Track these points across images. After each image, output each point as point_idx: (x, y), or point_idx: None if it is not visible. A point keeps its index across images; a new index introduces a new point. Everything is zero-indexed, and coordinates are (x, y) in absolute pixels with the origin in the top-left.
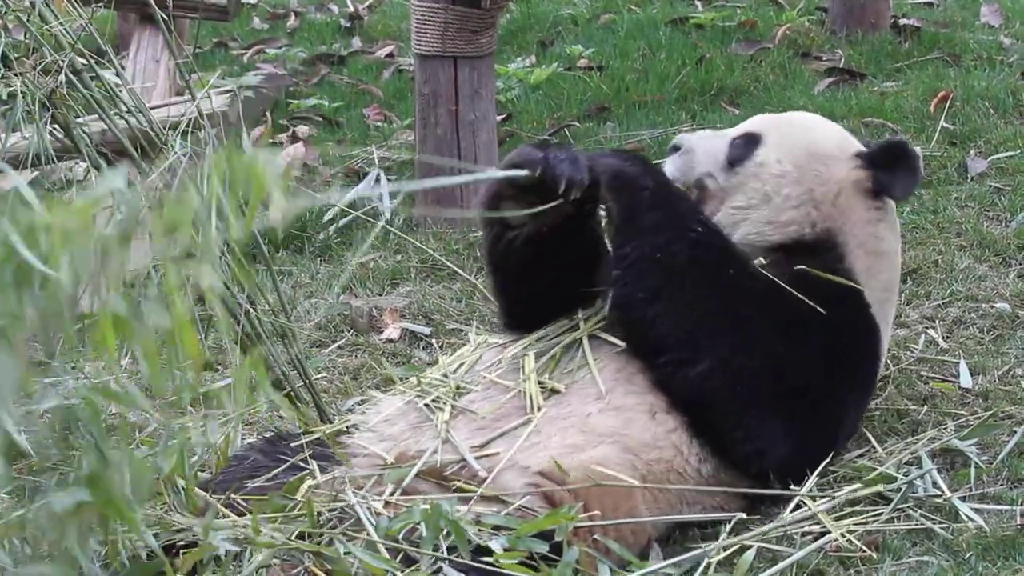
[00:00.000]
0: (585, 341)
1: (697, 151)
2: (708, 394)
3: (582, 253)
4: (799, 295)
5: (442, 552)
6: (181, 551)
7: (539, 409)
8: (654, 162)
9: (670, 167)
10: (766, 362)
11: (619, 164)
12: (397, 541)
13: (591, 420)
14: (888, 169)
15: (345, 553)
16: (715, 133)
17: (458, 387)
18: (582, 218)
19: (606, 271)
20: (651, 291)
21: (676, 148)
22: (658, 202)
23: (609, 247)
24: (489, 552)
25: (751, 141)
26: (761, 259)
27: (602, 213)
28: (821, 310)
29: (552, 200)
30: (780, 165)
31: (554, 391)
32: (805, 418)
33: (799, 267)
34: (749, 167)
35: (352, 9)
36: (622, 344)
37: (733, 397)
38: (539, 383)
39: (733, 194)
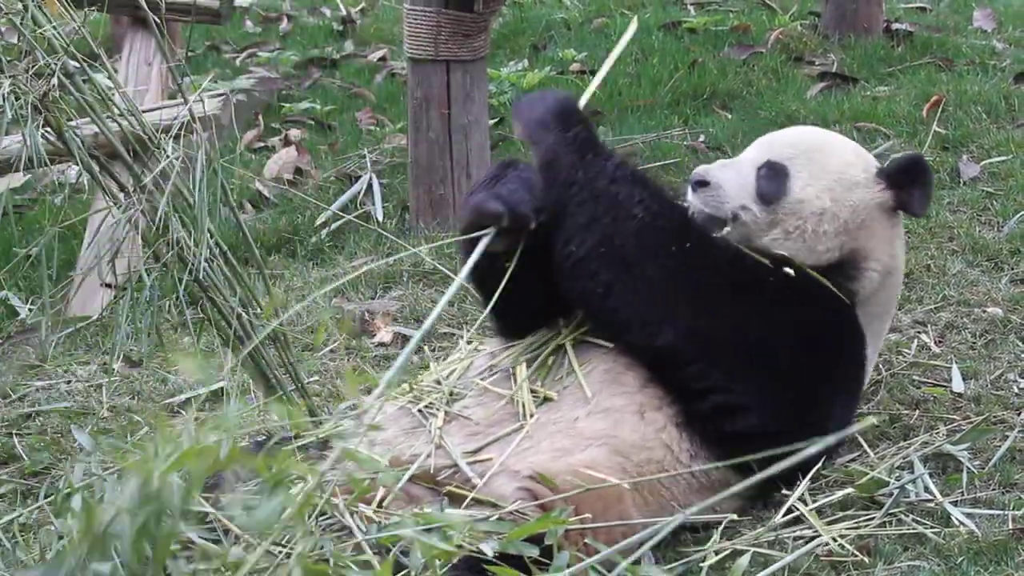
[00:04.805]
0: (568, 347)
1: (724, 186)
2: (675, 358)
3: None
4: (759, 258)
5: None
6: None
7: (531, 416)
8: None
9: (696, 201)
10: (729, 321)
11: (551, 151)
12: (389, 550)
13: (579, 424)
14: (907, 187)
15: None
16: (733, 162)
17: (451, 393)
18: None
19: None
20: (604, 285)
21: (700, 183)
22: (592, 194)
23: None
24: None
25: (779, 173)
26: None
27: None
28: (785, 274)
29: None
30: (819, 202)
31: (547, 399)
32: (775, 382)
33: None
34: (786, 204)
35: (344, 13)
36: (609, 344)
37: (699, 356)
38: (532, 391)
39: (772, 228)
